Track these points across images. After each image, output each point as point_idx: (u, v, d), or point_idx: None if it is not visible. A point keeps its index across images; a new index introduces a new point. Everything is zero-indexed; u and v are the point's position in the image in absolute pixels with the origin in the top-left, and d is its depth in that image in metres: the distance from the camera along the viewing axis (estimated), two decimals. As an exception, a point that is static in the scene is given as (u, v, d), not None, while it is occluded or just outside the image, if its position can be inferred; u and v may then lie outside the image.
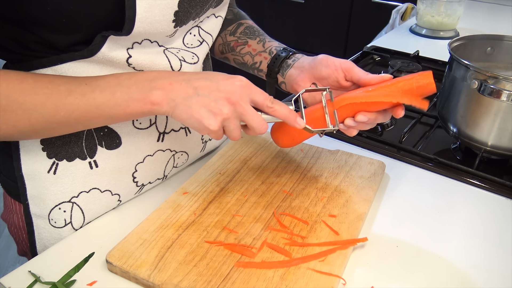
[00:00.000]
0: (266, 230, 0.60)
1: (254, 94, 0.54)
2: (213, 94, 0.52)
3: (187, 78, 0.53)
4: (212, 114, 0.51)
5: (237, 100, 0.52)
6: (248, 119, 0.53)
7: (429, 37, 1.44)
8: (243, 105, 0.52)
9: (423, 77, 0.57)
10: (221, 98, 0.52)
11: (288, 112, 0.56)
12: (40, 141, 0.57)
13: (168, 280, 0.51)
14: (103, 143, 0.59)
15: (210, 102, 0.51)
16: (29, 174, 0.58)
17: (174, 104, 0.51)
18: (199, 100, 0.51)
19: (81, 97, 0.49)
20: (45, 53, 0.53)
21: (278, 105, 0.55)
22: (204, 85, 0.52)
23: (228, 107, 0.52)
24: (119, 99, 0.51)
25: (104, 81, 0.51)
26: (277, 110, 0.55)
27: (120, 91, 0.51)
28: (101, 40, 0.52)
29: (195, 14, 0.58)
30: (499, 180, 0.73)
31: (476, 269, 0.57)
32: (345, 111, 0.59)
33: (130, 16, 0.49)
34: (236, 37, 0.74)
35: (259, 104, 0.54)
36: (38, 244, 0.62)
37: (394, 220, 0.65)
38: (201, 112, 0.51)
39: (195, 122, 0.52)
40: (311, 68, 0.64)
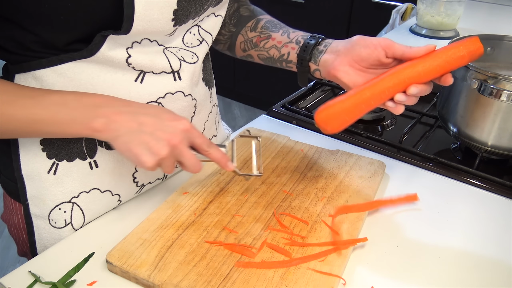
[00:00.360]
0: (266, 230, 0.60)
1: (194, 138, 0.56)
2: (156, 133, 0.52)
3: (133, 110, 0.53)
4: (150, 153, 0.52)
5: (177, 143, 0.53)
6: (184, 160, 0.55)
7: (429, 37, 1.44)
8: (182, 148, 0.54)
9: (471, 42, 0.58)
10: (163, 139, 0.52)
11: (221, 156, 0.58)
12: (40, 141, 0.57)
13: (168, 280, 0.51)
14: (103, 143, 0.59)
15: (152, 141, 0.52)
16: (29, 174, 0.58)
17: (116, 135, 0.52)
18: (141, 137, 0.52)
19: (23, 110, 0.50)
20: (45, 53, 0.53)
21: (213, 149, 0.58)
22: (149, 122, 0.52)
23: (167, 148, 0.52)
24: (61, 120, 0.51)
25: (49, 98, 0.51)
26: (212, 153, 0.58)
27: (64, 112, 0.51)
28: (101, 39, 0.52)
29: (194, 13, 0.58)
30: (499, 180, 0.73)
31: (476, 269, 0.57)
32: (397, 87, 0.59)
33: (128, 14, 0.49)
34: (258, 32, 0.73)
35: (197, 147, 0.57)
36: (38, 245, 0.62)
37: (394, 220, 0.65)
38: (140, 149, 0.52)
39: (132, 157, 0.52)
40: (348, 51, 0.63)
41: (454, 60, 0.58)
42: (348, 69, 0.63)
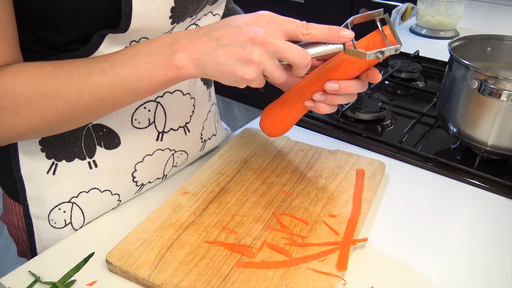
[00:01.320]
0: (266, 230, 0.60)
1: (284, 25, 0.48)
2: (237, 39, 0.47)
3: (206, 31, 0.49)
4: (243, 63, 0.47)
5: (264, 38, 0.46)
6: (284, 54, 0.47)
7: (429, 37, 1.44)
8: (274, 42, 0.47)
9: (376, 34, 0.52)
10: (247, 41, 0.46)
11: (327, 30, 0.49)
12: (39, 141, 0.57)
13: (168, 280, 0.51)
14: (102, 143, 0.59)
15: (237, 50, 0.46)
16: (28, 175, 0.58)
17: (202, 63, 0.48)
18: (225, 51, 0.47)
19: (102, 75, 0.48)
20: (43, 54, 0.53)
21: (314, 28, 0.48)
22: (226, 33, 0.47)
23: (257, 49, 0.46)
24: (141, 70, 0.48)
25: (122, 54, 0.49)
26: (315, 34, 0.48)
27: (141, 61, 0.48)
28: (99, 39, 0.52)
29: (192, 11, 0.58)
30: (499, 180, 0.73)
31: (476, 269, 0.57)
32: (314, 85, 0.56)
33: (126, 12, 0.49)
34: None
35: (293, 34, 0.48)
36: (38, 245, 0.62)
37: (394, 220, 0.65)
38: (232, 64, 0.47)
39: (230, 77, 0.48)
40: None
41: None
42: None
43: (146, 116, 0.62)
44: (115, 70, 0.48)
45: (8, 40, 0.47)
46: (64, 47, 0.52)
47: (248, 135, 0.81)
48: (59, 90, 0.47)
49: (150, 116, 0.62)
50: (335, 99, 0.55)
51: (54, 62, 0.48)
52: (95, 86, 0.48)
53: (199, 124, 0.70)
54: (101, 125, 0.59)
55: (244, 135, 0.81)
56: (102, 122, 0.59)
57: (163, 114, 0.63)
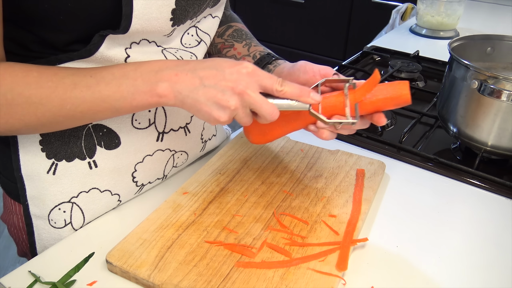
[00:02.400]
0: (266, 230, 0.60)
1: (262, 80, 0.51)
2: (219, 84, 0.50)
3: (192, 67, 0.51)
4: (219, 107, 0.50)
5: (243, 89, 0.50)
6: (257, 107, 0.51)
7: (429, 37, 1.44)
8: (251, 94, 0.50)
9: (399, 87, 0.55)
10: (228, 89, 0.50)
11: (299, 91, 0.53)
12: (39, 141, 0.57)
13: (168, 280, 0.51)
14: (102, 143, 0.59)
15: (217, 94, 0.50)
16: (29, 174, 0.58)
17: (182, 97, 0.50)
18: (206, 92, 0.50)
19: (87, 90, 0.49)
20: (44, 54, 0.53)
21: (287, 86, 0.52)
22: (210, 75, 0.50)
23: (235, 98, 0.50)
24: (125, 92, 0.50)
25: (109, 72, 0.50)
26: (288, 92, 0.52)
27: (126, 84, 0.50)
28: (99, 39, 0.52)
29: (192, 13, 0.58)
30: (499, 180, 0.73)
31: (476, 269, 0.57)
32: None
33: (127, 12, 0.49)
34: (224, 40, 0.74)
35: (268, 89, 0.52)
36: (38, 245, 0.62)
37: (394, 220, 0.65)
38: (209, 106, 0.50)
39: (205, 115, 0.51)
40: (289, 74, 0.63)
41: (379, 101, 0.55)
42: None
43: (147, 117, 0.62)
44: (100, 88, 0.49)
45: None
46: (64, 47, 0.52)
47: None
48: (42, 98, 0.48)
49: (150, 117, 0.62)
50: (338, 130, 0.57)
51: (41, 68, 0.49)
52: (78, 99, 0.49)
53: (199, 124, 0.70)
54: (101, 125, 0.59)
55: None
56: (103, 122, 0.59)
57: (163, 114, 0.63)
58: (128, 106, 0.51)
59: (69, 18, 0.49)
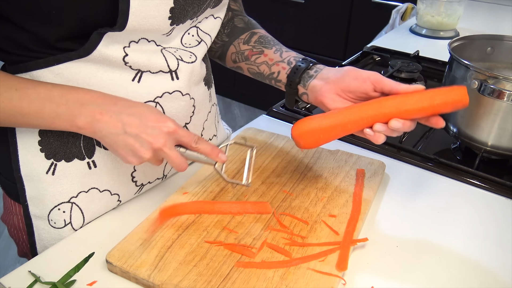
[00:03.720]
0: (266, 230, 0.60)
1: (180, 138, 0.56)
2: (139, 136, 0.53)
3: (118, 110, 0.53)
4: (134, 155, 0.54)
5: (160, 146, 0.54)
6: (169, 161, 0.56)
7: (429, 37, 1.44)
8: (166, 151, 0.55)
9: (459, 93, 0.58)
10: (147, 143, 0.54)
11: (211, 149, 0.59)
12: (38, 142, 0.57)
13: (168, 280, 0.51)
14: (101, 143, 0.59)
15: (135, 144, 0.53)
16: (28, 175, 0.58)
17: (100, 135, 0.53)
18: (125, 139, 0.53)
19: (8, 103, 0.50)
20: (42, 53, 0.53)
21: (201, 144, 0.58)
22: (133, 124, 0.53)
23: (150, 152, 0.54)
24: (46, 114, 0.51)
25: (35, 90, 0.51)
26: (201, 148, 0.58)
27: (49, 107, 0.51)
28: (97, 37, 0.52)
29: (192, 13, 0.58)
30: (499, 180, 0.73)
31: (476, 269, 0.57)
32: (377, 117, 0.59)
33: (123, 9, 0.49)
34: (251, 46, 0.73)
35: (185, 145, 0.57)
36: (38, 245, 0.62)
37: (394, 220, 0.65)
38: (125, 151, 0.54)
39: (119, 156, 0.55)
40: (338, 80, 0.63)
41: (438, 105, 0.57)
42: (335, 97, 0.63)
43: None
44: (22, 104, 0.51)
45: None
46: (57, 43, 0.52)
47: (248, 135, 0.81)
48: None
49: None
50: (393, 133, 0.59)
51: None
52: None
53: (199, 124, 0.70)
54: None
55: (244, 135, 0.81)
56: None
57: None
58: (46, 126, 0.53)
59: (62, 12, 0.49)
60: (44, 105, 0.51)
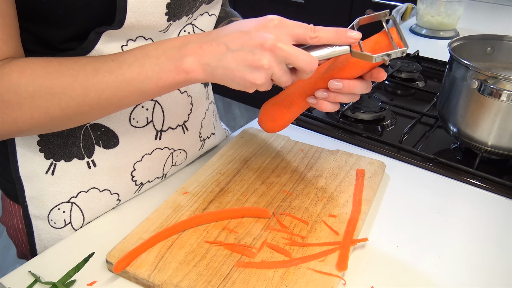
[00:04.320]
0: (266, 230, 0.60)
1: (292, 29, 0.48)
2: (246, 44, 0.47)
3: (215, 36, 0.49)
4: (252, 69, 0.47)
5: (273, 43, 0.46)
6: (293, 60, 0.47)
7: (429, 37, 1.44)
8: (283, 47, 0.47)
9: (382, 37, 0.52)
10: (257, 47, 0.46)
11: (335, 32, 0.49)
12: (37, 142, 0.57)
13: (168, 280, 0.51)
14: (101, 143, 0.59)
15: (247, 55, 0.47)
16: (27, 175, 0.58)
17: (211, 69, 0.48)
18: (234, 57, 0.47)
19: (109, 75, 0.48)
20: (41, 54, 0.53)
21: (321, 31, 0.48)
22: (235, 38, 0.47)
23: (266, 55, 0.46)
24: (149, 72, 0.48)
25: (130, 54, 0.49)
26: (323, 37, 0.48)
27: (149, 63, 0.48)
28: (95, 37, 0.52)
29: (188, 8, 0.58)
30: (499, 180, 0.73)
31: (476, 269, 0.57)
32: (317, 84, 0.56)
33: (121, 5, 0.49)
34: None
35: (301, 38, 0.48)
36: (38, 246, 0.62)
37: (394, 220, 0.65)
38: (241, 70, 0.47)
39: (240, 82, 0.48)
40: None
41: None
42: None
43: (144, 115, 0.62)
44: (123, 71, 0.48)
45: (10, 31, 0.47)
46: (60, 45, 0.52)
47: (248, 135, 0.81)
48: (64, 87, 0.47)
49: (148, 115, 0.62)
50: (337, 97, 0.55)
51: (60, 58, 0.48)
52: (102, 85, 0.47)
53: (197, 122, 0.70)
54: (99, 125, 0.59)
55: (244, 135, 0.81)
56: (100, 121, 0.59)
57: (161, 113, 0.63)
58: (155, 87, 0.49)
59: (67, 13, 0.49)
60: (144, 63, 0.48)
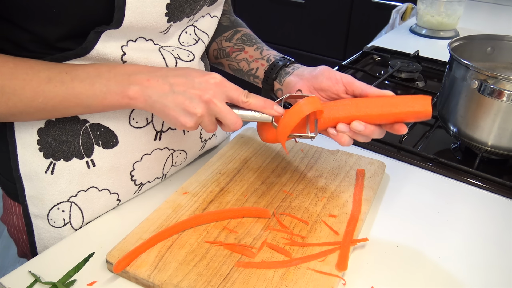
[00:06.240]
0: (266, 230, 0.60)
1: (229, 91, 0.54)
2: (188, 92, 0.53)
3: (164, 74, 0.54)
4: (186, 113, 0.53)
5: (210, 98, 0.53)
6: (222, 116, 0.54)
7: (429, 37, 1.44)
8: (217, 103, 0.53)
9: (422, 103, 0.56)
10: (196, 96, 0.53)
11: (263, 102, 0.56)
12: (37, 141, 0.57)
13: (168, 280, 0.51)
14: (100, 142, 0.59)
15: (185, 101, 0.52)
16: (27, 174, 0.58)
17: (151, 101, 0.53)
18: (174, 98, 0.52)
19: (60, 86, 0.51)
20: (40, 54, 0.53)
21: (252, 98, 0.55)
22: (180, 82, 0.53)
23: (202, 106, 0.53)
24: (97, 91, 0.52)
25: (84, 71, 0.52)
26: (252, 103, 0.55)
27: (99, 83, 0.52)
28: (95, 36, 0.52)
29: (188, 10, 0.58)
30: (499, 180, 0.73)
31: (476, 269, 0.57)
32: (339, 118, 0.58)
33: (119, 4, 0.50)
34: (232, 43, 0.74)
35: (234, 100, 0.55)
36: (38, 245, 0.62)
37: (394, 220, 0.65)
38: (176, 111, 0.53)
39: (172, 120, 0.54)
40: (312, 77, 0.64)
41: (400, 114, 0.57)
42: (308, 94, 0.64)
43: (144, 115, 0.62)
44: (74, 84, 0.51)
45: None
46: (58, 43, 0.52)
47: (248, 135, 0.81)
48: (15, 89, 0.49)
49: (148, 116, 0.62)
50: (356, 136, 0.59)
51: (18, 60, 0.50)
52: (51, 93, 0.51)
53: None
54: (99, 125, 0.59)
55: (244, 135, 0.81)
56: (100, 121, 0.59)
57: None
58: (99, 105, 0.53)
59: (62, 10, 0.49)
60: (94, 81, 0.52)
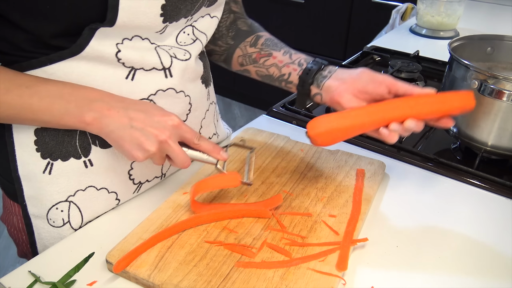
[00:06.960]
0: (266, 230, 0.60)
1: (183, 133, 0.57)
2: (145, 129, 0.54)
3: (125, 106, 0.55)
4: (140, 149, 0.55)
5: (166, 139, 0.55)
6: (173, 156, 0.57)
7: (429, 37, 1.44)
8: (171, 144, 0.56)
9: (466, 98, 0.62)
10: (152, 136, 0.54)
11: (212, 147, 0.60)
12: (34, 141, 0.57)
13: (168, 280, 0.51)
14: (97, 142, 0.59)
15: (141, 137, 0.54)
16: (25, 175, 0.58)
17: (108, 130, 0.54)
18: (131, 133, 0.54)
19: (18, 99, 0.51)
20: (36, 53, 0.53)
21: (203, 141, 0.59)
22: (139, 118, 0.55)
23: (156, 145, 0.55)
24: (55, 111, 0.53)
25: (45, 88, 0.53)
26: (202, 145, 0.59)
27: (59, 104, 0.53)
28: (89, 33, 0.52)
29: (185, 11, 0.58)
30: (499, 180, 0.73)
31: (476, 269, 0.57)
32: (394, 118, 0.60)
33: (113, 4, 0.50)
34: (258, 49, 0.73)
35: (187, 141, 0.59)
36: (39, 244, 0.62)
37: (394, 220, 0.65)
38: (131, 145, 0.54)
39: (124, 152, 0.55)
40: (354, 81, 0.64)
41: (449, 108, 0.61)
42: (351, 97, 0.64)
43: None
44: (32, 101, 0.52)
45: None
46: (52, 40, 0.52)
47: (248, 135, 0.81)
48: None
49: None
50: (405, 133, 0.61)
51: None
52: (8, 105, 0.52)
53: (197, 122, 0.70)
54: None
55: (244, 135, 0.81)
56: None
57: None
58: (55, 123, 0.54)
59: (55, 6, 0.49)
60: (54, 102, 0.52)
